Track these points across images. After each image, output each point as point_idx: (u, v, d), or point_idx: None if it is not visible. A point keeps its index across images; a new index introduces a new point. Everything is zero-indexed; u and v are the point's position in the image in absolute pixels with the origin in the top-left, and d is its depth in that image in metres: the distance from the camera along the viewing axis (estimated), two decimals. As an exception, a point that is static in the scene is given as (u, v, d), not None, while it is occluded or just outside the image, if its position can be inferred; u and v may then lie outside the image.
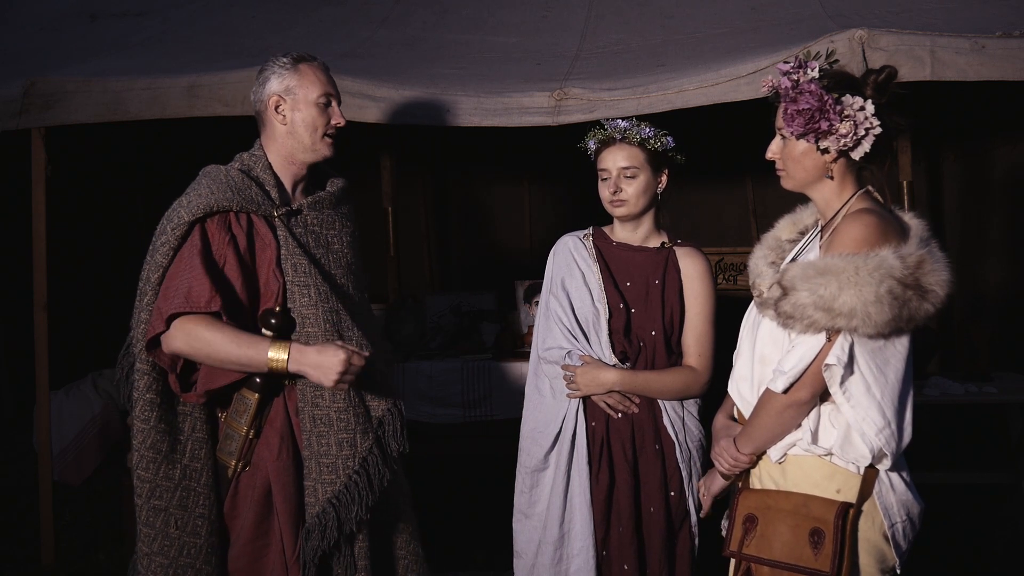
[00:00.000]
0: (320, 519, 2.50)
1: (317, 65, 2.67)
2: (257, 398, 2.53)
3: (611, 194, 2.93)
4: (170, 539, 2.54)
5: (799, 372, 2.13)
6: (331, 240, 2.69)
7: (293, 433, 2.57)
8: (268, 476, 2.55)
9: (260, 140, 2.69)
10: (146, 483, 2.54)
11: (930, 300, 2.08)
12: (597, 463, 2.88)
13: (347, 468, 2.52)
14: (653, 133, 2.92)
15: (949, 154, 6.10)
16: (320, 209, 2.68)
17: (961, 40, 3.67)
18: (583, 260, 3.00)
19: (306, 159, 2.66)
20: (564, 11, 5.07)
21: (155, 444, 2.53)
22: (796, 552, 2.16)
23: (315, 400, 2.52)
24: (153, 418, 2.53)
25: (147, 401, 2.53)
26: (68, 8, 5.61)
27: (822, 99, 2.15)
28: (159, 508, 2.54)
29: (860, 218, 2.14)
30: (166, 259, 2.49)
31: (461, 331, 4.93)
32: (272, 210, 2.57)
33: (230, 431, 2.56)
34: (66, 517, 4.85)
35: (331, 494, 2.51)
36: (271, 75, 2.63)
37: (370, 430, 2.57)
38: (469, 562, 4.26)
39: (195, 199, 2.51)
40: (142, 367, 2.53)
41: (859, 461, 2.16)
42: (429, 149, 6.35)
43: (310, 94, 2.63)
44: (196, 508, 2.56)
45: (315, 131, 2.63)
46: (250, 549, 2.56)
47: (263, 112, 2.65)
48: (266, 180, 2.61)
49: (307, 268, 2.55)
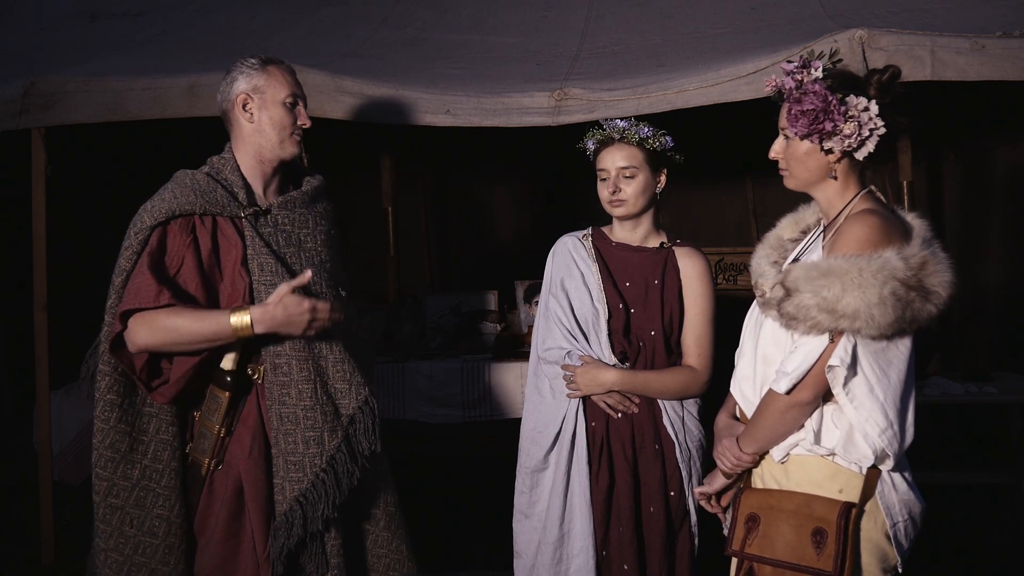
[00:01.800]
0: (287, 517, 2.52)
1: (284, 67, 2.72)
2: (228, 396, 2.55)
3: (610, 194, 2.93)
4: (125, 537, 2.58)
5: (802, 373, 2.13)
6: (303, 239, 2.71)
7: (265, 432, 2.59)
8: (240, 474, 2.57)
9: (229, 143, 2.72)
10: (104, 481, 2.58)
11: (933, 301, 2.08)
12: (597, 463, 2.88)
13: (314, 466, 2.54)
14: (651, 133, 2.92)
15: (949, 154, 6.09)
16: (292, 208, 2.71)
17: (961, 40, 3.67)
18: (582, 260, 3.00)
19: (274, 157, 2.69)
20: (564, 11, 5.07)
21: (114, 444, 2.57)
22: (799, 552, 2.16)
23: (282, 398, 2.55)
24: (113, 418, 2.57)
25: (107, 402, 2.57)
26: (68, 8, 5.60)
27: (826, 100, 2.15)
28: (115, 506, 2.58)
29: (863, 219, 2.14)
30: (129, 263, 2.54)
31: (461, 331, 4.93)
32: (238, 211, 2.61)
33: (203, 430, 2.58)
34: (66, 517, 4.84)
35: (298, 492, 2.53)
36: (239, 75, 2.67)
37: (339, 428, 2.58)
38: (469, 562, 4.26)
39: (159, 203, 2.56)
40: (104, 368, 2.58)
41: (862, 461, 2.16)
42: (429, 149, 6.34)
43: (278, 94, 2.66)
44: (154, 508, 2.59)
45: (283, 130, 2.67)
46: (222, 548, 2.58)
47: (230, 111, 2.68)
48: (234, 182, 2.64)
49: (274, 267, 2.58)
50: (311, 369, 2.56)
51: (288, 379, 2.55)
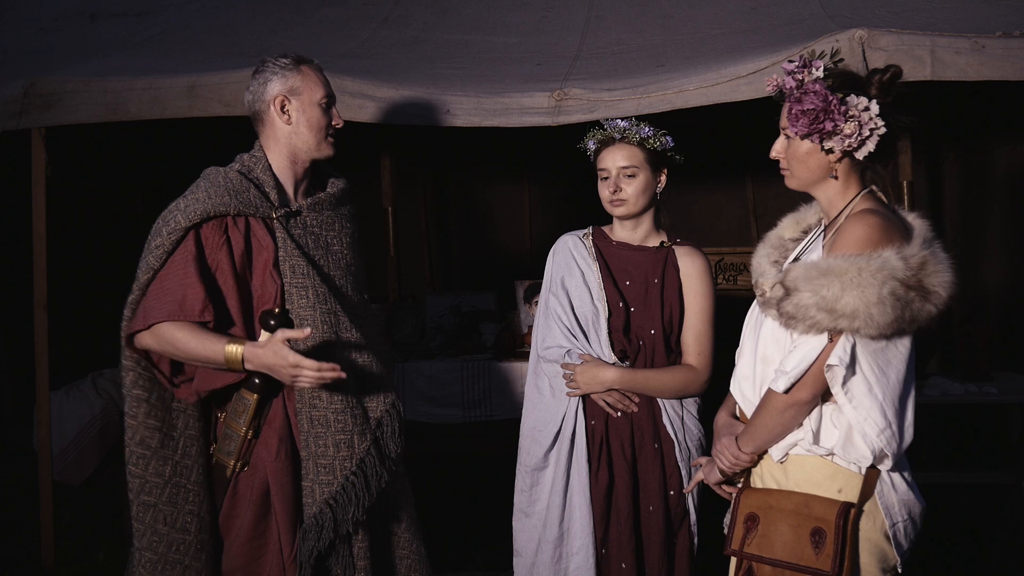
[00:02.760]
0: (317, 520, 2.51)
1: (316, 67, 2.70)
2: (256, 399, 2.53)
3: (611, 193, 2.93)
4: (159, 535, 2.56)
5: (801, 372, 2.13)
6: (331, 241, 2.70)
7: (292, 434, 2.58)
8: (266, 476, 2.56)
9: (259, 141, 2.69)
10: (136, 479, 2.56)
11: (932, 301, 2.08)
12: (596, 462, 2.89)
13: (344, 469, 2.53)
14: (652, 132, 2.92)
15: (949, 154, 6.09)
16: (320, 210, 2.69)
17: (961, 40, 3.67)
18: (583, 259, 3.00)
19: (308, 158, 2.67)
20: (564, 11, 5.07)
21: (144, 440, 2.56)
22: (797, 552, 2.16)
23: (313, 401, 2.53)
24: (141, 414, 2.56)
25: (134, 397, 2.56)
26: (68, 8, 5.60)
27: (827, 99, 2.15)
28: (148, 504, 2.56)
29: (863, 218, 2.14)
30: (159, 262, 2.51)
31: (461, 331, 4.93)
32: (271, 212, 2.58)
33: (229, 431, 2.57)
34: (66, 517, 4.84)
35: (328, 495, 2.52)
36: (272, 76, 2.64)
37: (368, 431, 2.57)
38: (469, 562, 4.26)
39: (192, 203, 2.52)
40: (127, 363, 2.57)
41: (860, 461, 2.16)
42: (429, 149, 6.34)
43: (314, 95, 2.65)
44: (186, 505, 2.58)
45: (320, 131, 2.65)
46: (248, 549, 2.57)
47: (264, 112, 2.65)
48: (266, 181, 2.61)
49: (305, 269, 2.56)
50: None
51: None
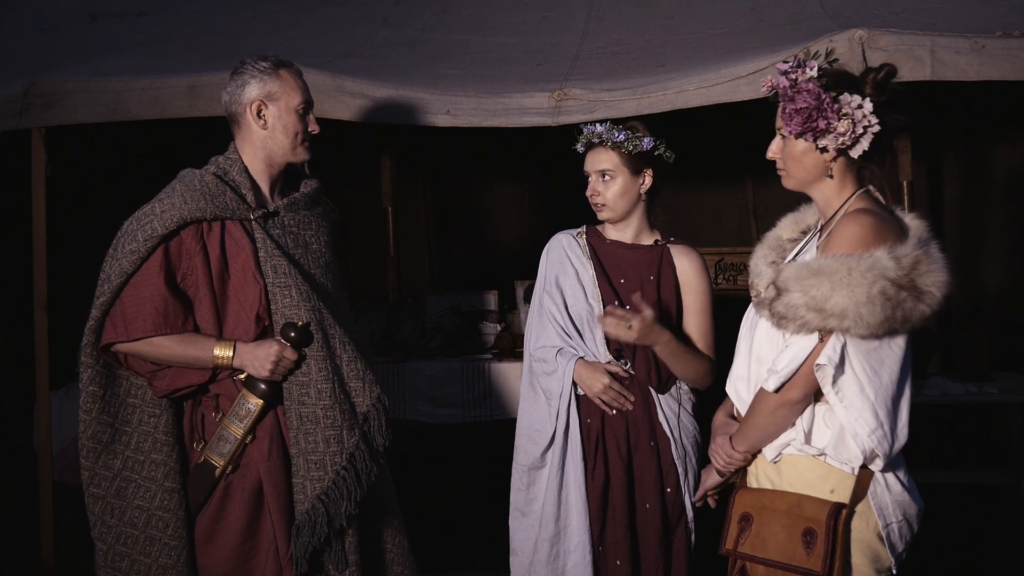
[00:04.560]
0: (310, 515, 2.53)
1: (295, 71, 2.70)
2: (261, 405, 2.54)
3: (590, 197, 2.95)
4: (107, 527, 2.61)
5: (791, 371, 2.13)
6: (309, 240, 2.72)
7: (281, 432, 2.59)
8: (259, 477, 2.57)
9: (234, 143, 2.70)
10: (86, 471, 2.62)
11: (926, 301, 2.07)
12: (592, 460, 2.88)
13: (335, 464, 2.55)
14: (626, 136, 2.91)
15: (949, 154, 6.09)
16: (296, 210, 2.71)
17: (961, 40, 3.67)
18: (577, 258, 3.00)
19: (284, 162, 2.69)
20: (564, 11, 5.07)
21: (95, 435, 2.60)
22: (789, 552, 2.16)
23: (301, 398, 2.55)
24: (95, 409, 2.60)
25: (90, 393, 2.60)
26: (68, 8, 5.61)
27: (820, 98, 2.15)
28: (97, 496, 2.62)
29: (857, 218, 2.14)
30: (132, 267, 2.53)
31: (461, 331, 4.93)
32: (248, 213, 2.60)
33: (225, 433, 2.57)
34: (66, 517, 4.84)
35: (320, 490, 2.53)
36: (251, 79, 2.64)
37: (356, 426, 2.59)
38: (469, 562, 4.26)
39: (169, 208, 2.53)
40: (86, 360, 2.60)
41: (851, 462, 2.16)
42: (429, 149, 6.34)
43: (292, 101, 2.65)
44: (135, 499, 2.60)
45: (295, 137, 2.67)
46: (239, 551, 2.58)
47: (240, 115, 2.66)
48: (242, 183, 2.63)
49: (287, 269, 2.58)
50: (329, 369, 2.57)
51: (307, 379, 2.55)
